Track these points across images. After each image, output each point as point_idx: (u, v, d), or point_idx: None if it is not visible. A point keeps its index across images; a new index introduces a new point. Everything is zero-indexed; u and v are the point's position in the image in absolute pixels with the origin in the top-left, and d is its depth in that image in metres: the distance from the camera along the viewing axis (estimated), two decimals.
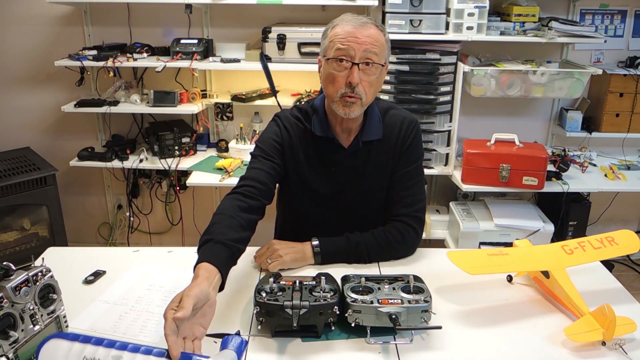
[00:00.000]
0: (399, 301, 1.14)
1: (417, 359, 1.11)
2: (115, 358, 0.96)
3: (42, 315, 1.08)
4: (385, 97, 2.77)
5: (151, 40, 2.98)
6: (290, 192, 1.62)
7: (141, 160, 2.91)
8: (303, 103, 1.64)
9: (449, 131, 2.85)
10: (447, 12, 2.65)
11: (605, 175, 2.85)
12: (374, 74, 1.42)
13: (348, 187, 1.58)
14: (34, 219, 2.89)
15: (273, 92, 2.31)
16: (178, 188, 3.09)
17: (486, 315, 1.26)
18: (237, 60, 2.83)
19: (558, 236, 2.73)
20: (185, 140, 2.95)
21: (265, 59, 2.67)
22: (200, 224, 3.36)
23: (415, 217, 1.53)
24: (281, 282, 1.21)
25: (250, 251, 1.51)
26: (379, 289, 1.19)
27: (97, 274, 1.42)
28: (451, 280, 1.38)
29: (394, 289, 1.19)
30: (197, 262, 1.18)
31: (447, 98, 2.79)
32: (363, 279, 1.22)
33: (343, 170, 1.57)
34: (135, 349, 0.97)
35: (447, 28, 2.67)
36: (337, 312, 1.15)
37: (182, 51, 2.80)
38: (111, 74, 2.89)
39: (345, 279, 1.24)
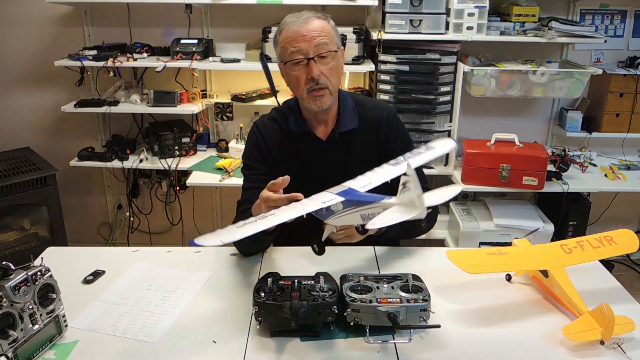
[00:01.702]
0: (398, 300, 1.14)
1: (416, 358, 1.11)
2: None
3: (41, 315, 1.08)
4: (385, 97, 2.77)
5: (151, 40, 2.98)
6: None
7: (141, 160, 2.91)
8: (281, 105, 1.70)
9: (449, 131, 2.85)
10: (447, 12, 2.65)
11: (605, 175, 2.84)
12: (331, 61, 1.49)
13: (334, 181, 1.58)
14: (34, 219, 2.89)
15: (273, 92, 2.31)
16: (178, 188, 3.09)
17: (485, 314, 1.26)
18: (237, 60, 2.83)
19: (558, 236, 2.73)
20: (185, 140, 2.95)
21: (265, 59, 2.66)
22: (200, 224, 3.36)
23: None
24: (280, 282, 1.21)
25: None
26: (378, 288, 1.19)
27: (97, 274, 1.42)
28: (450, 279, 1.38)
29: (392, 288, 1.19)
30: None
31: (447, 98, 2.79)
32: (362, 278, 1.22)
33: (325, 163, 1.60)
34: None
35: (447, 28, 2.67)
36: (336, 312, 1.15)
37: (182, 51, 2.80)
38: (111, 74, 2.89)
39: (344, 278, 1.24)
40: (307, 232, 1.50)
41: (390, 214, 1.08)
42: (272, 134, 1.62)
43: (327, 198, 1.19)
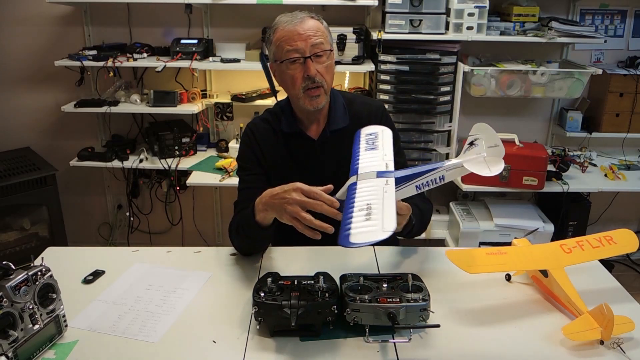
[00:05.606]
0: (398, 300, 1.14)
1: (416, 357, 1.11)
2: None
3: (41, 315, 1.08)
4: (385, 97, 2.77)
5: (151, 40, 2.98)
6: None
7: (141, 160, 2.91)
8: (274, 106, 1.70)
9: (449, 131, 2.86)
10: (447, 12, 2.65)
11: (605, 175, 2.85)
12: (326, 60, 1.51)
13: (328, 180, 1.57)
14: (34, 219, 2.89)
15: (273, 92, 2.31)
16: (178, 188, 3.09)
17: (484, 314, 1.26)
18: (237, 60, 2.83)
19: (558, 236, 2.73)
20: (185, 140, 2.95)
21: (265, 59, 2.65)
22: (200, 224, 3.36)
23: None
24: (280, 282, 1.21)
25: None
26: (378, 287, 1.19)
27: (97, 274, 1.42)
28: (450, 279, 1.38)
29: (392, 287, 1.19)
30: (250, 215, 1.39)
31: (447, 98, 2.79)
32: (361, 278, 1.22)
33: (317, 163, 1.60)
34: None
35: (447, 28, 2.67)
36: (336, 311, 1.15)
37: (182, 51, 2.80)
38: (111, 74, 2.89)
39: (343, 278, 1.24)
40: (295, 230, 1.50)
41: (471, 167, 1.22)
42: (265, 135, 1.63)
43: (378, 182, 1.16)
